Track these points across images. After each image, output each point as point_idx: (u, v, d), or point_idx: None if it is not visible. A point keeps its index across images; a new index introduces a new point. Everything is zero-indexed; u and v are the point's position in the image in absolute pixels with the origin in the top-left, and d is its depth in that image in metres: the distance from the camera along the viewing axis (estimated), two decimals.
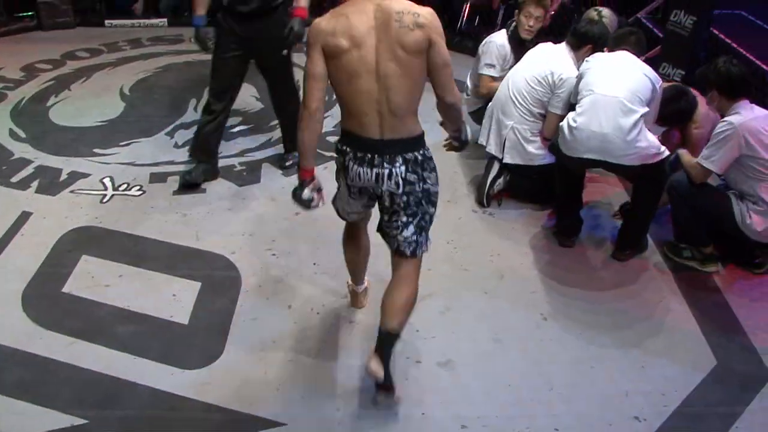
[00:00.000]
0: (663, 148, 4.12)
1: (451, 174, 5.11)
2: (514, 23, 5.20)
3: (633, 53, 4.29)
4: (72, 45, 7.65)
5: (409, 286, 3.16)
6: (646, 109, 4.07)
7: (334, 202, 3.41)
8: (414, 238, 3.13)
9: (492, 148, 4.82)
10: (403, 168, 3.01)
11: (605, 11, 5.35)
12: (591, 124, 4.04)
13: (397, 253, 3.19)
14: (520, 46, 5.14)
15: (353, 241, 3.54)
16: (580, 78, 4.29)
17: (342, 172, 3.21)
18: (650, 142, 4.05)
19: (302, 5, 4.53)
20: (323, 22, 2.91)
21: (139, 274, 4.03)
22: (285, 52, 4.70)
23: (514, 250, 4.39)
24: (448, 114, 3.16)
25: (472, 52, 5.84)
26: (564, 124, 4.17)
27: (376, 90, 2.91)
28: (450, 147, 3.51)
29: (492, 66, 5.16)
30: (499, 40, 5.22)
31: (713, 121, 4.28)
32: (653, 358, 3.55)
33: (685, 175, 4.14)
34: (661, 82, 4.30)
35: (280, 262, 4.16)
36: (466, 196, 4.89)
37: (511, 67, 5.04)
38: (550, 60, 4.61)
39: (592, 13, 5.31)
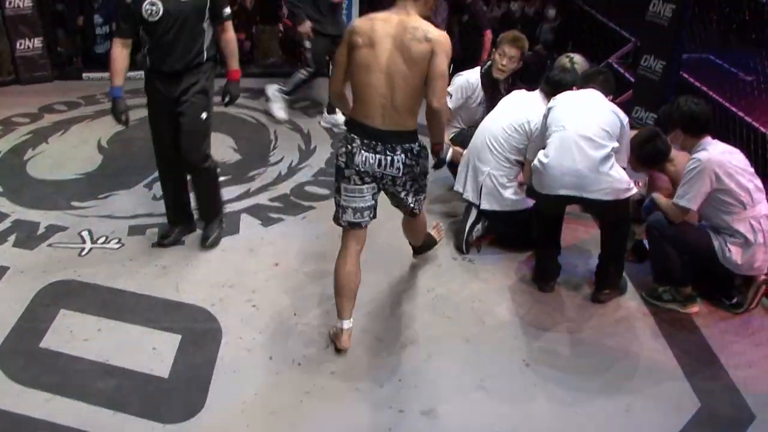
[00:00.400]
0: (632, 183, 4.18)
1: (435, 220, 5.13)
2: (489, 62, 5.30)
3: (600, 92, 4.37)
4: (49, 98, 7.64)
5: (420, 227, 4.32)
6: (616, 143, 4.13)
7: (336, 219, 3.85)
8: (414, 204, 3.87)
9: (469, 195, 4.86)
10: (402, 156, 3.61)
11: (577, 57, 5.46)
12: (563, 160, 4.09)
13: (405, 213, 4.03)
14: (492, 85, 5.26)
15: (346, 265, 3.81)
16: (547, 115, 4.35)
17: (347, 162, 3.66)
18: (621, 176, 4.12)
19: (236, 67, 4.55)
20: (357, 22, 3.64)
21: (118, 327, 3.98)
22: (204, 115, 4.43)
23: (495, 296, 4.39)
24: (432, 120, 3.62)
25: None
26: (536, 162, 4.22)
27: (384, 85, 3.49)
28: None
29: (449, 95, 5.20)
30: (471, 76, 5.34)
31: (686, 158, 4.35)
32: (637, 401, 3.54)
33: (663, 216, 4.19)
34: (628, 120, 4.38)
35: (260, 313, 4.13)
36: (446, 243, 4.90)
37: (481, 104, 5.22)
38: (526, 108, 4.68)
39: (565, 60, 5.41)
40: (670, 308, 4.29)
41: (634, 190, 4.19)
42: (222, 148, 6.32)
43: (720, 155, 4.01)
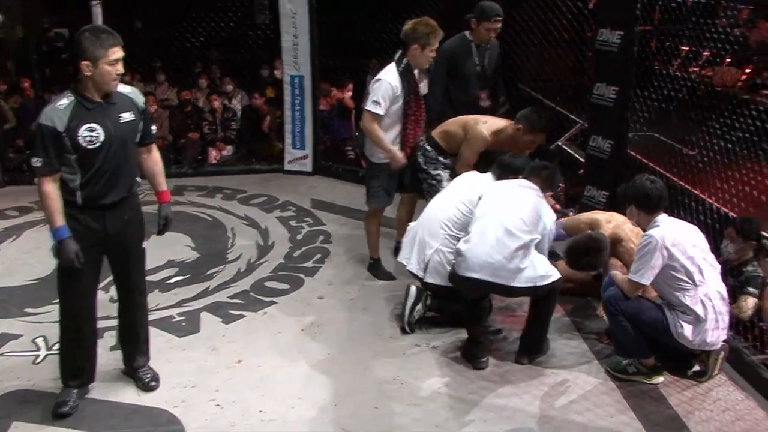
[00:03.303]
0: (553, 271, 4.35)
1: (392, 308, 5.13)
2: (405, 61, 5.36)
3: (539, 186, 4.54)
4: (1, 204, 7.59)
5: None
6: (537, 236, 4.32)
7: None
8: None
9: (413, 267, 4.88)
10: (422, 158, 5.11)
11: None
12: (478, 249, 4.30)
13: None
14: (410, 80, 5.37)
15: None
16: (476, 202, 4.58)
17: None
18: (540, 266, 4.31)
19: (165, 188, 4.24)
20: None
21: None
22: (144, 244, 4.18)
23: (461, 379, 4.36)
24: None
25: None
26: (458, 247, 4.41)
27: None
28: None
29: (378, 104, 5.28)
30: (391, 79, 5.33)
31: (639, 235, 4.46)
32: None
33: (619, 291, 4.24)
34: (554, 219, 4.60)
35: (224, 412, 4.04)
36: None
37: (404, 99, 5.34)
38: (479, 188, 4.78)
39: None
40: (635, 380, 4.30)
41: (554, 278, 4.34)
42: (179, 247, 6.28)
43: (672, 231, 4.11)
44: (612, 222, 4.86)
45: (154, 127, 4.20)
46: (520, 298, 4.85)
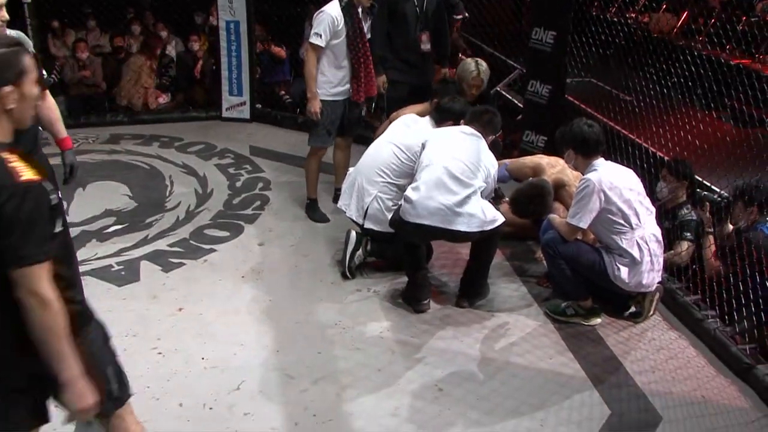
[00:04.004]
0: (498, 215, 4.38)
1: (333, 253, 5.13)
2: None
3: (480, 132, 4.53)
4: None
5: None
6: (480, 183, 4.34)
7: None
8: None
9: (353, 214, 4.90)
10: None
11: (483, 65, 5.59)
12: (427, 195, 4.28)
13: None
14: (354, 14, 5.39)
15: None
16: (421, 150, 4.53)
17: None
18: (487, 212, 4.33)
19: (66, 134, 4.02)
20: None
21: None
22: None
23: (402, 323, 4.40)
24: None
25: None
26: (406, 194, 4.39)
27: None
28: None
29: (319, 36, 5.31)
30: (333, 11, 5.34)
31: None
32: (551, 416, 3.60)
33: (557, 235, 4.31)
34: (497, 165, 4.62)
35: (167, 360, 4.01)
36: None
37: (346, 34, 5.34)
38: (418, 134, 4.78)
39: (471, 64, 5.53)
40: (573, 322, 4.40)
41: (500, 221, 4.38)
42: (116, 196, 6.16)
43: (609, 175, 4.17)
44: (556, 167, 4.91)
45: (45, 73, 3.96)
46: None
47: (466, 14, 8.31)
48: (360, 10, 5.42)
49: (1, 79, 2.15)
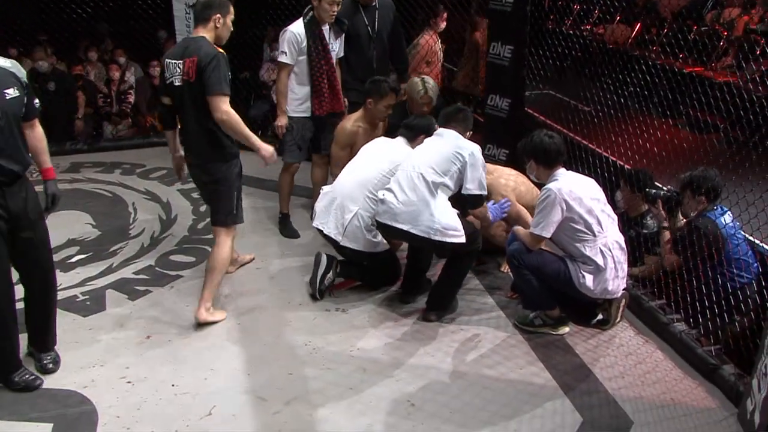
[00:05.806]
0: (461, 232, 4.38)
1: (302, 275, 5.12)
2: (311, 13, 5.50)
3: (459, 131, 4.56)
4: None
5: None
6: (448, 180, 4.39)
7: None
8: None
9: (331, 231, 4.85)
10: None
11: (431, 81, 5.62)
12: (398, 194, 4.44)
13: None
14: (319, 32, 5.51)
15: None
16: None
17: None
18: (450, 221, 4.37)
19: (50, 164, 4.08)
20: None
21: None
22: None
23: (372, 341, 4.41)
24: None
25: None
26: (379, 195, 4.56)
27: None
28: None
29: (285, 53, 5.51)
30: (295, 29, 5.51)
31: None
32: (524, 426, 3.63)
33: (523, 245, 4.35)
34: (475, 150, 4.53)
35: (136, 389, 3.96)
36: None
37: (308, 51, 5.51)
38: (397, 153, 4.85)
39: (418, 83, 5.55)
40: (542, 332, 4.44)
41: (461, 240, 4.38)
42: (78, 225, 6.10)
43: (570, 185, 4.23)
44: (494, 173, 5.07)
45: (36, 101, 3.99)
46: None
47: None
48: (328, 27, 5.52)
49: None
